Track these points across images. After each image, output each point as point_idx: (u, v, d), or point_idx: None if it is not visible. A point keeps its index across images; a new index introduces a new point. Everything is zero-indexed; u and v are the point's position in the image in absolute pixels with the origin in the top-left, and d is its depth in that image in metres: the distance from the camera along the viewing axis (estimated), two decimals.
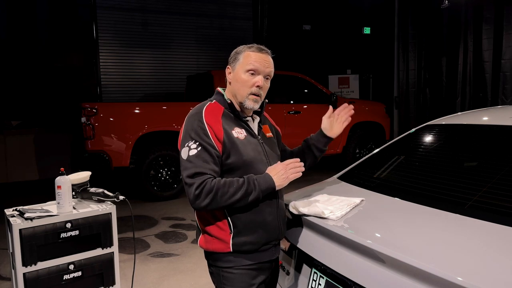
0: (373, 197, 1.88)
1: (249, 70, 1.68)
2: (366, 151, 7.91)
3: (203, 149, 1.59)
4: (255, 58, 1.69)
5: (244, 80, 1.68)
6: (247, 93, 1.68)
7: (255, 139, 1.73)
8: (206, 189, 1.54)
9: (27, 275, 2.01)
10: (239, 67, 1.70)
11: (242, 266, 1.67)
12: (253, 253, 1.68)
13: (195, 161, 1.58)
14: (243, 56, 1.70)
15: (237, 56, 1.72)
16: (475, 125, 2.23)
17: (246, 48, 1.72)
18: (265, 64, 1.70)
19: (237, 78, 1.70)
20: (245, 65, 1.68)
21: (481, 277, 1.14)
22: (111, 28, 9.08)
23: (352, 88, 10.55)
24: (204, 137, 1.60)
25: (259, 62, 1.68)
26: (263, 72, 1.70)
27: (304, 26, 10.84)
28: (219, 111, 1.70)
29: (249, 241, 1.65)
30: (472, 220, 1.46)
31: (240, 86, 1.69)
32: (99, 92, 9.01)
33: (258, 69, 1.68)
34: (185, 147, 1.62)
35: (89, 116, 5.76)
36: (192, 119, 1.67)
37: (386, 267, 1.31)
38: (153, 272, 3.80)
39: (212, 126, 1.62)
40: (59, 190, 2.12)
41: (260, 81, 1.68)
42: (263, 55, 1.70)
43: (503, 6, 7.55)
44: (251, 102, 1.69)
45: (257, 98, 1.70)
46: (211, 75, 6.84)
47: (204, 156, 1.58)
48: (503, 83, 7.66)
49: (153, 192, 6.16)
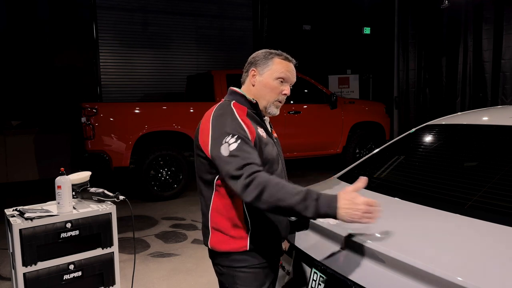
0: (373, 197, 1.87)
1: (279, 77, 1.71)
2: (366, 151, 7.91)
3: (243, 141, 1.54)
4: (287, 67, 1.73)
5: (274, 87, 1.72)
6: (274, 99, 1.73)
7: (272, 139, 1.77)
8: (257, 181, 1.44)
9: (27, 275, 2.01)
10: (268, 73, 1.72)
11: (257, 265, 1.67)
12: (267, 251, 1.70)
13: (239, 153, 1.50)
14: (274, 62, 1.72)
15: (267, 61, 1.73)
16: (475, 125, 2.23)
17: (276, 55, 1.74)
18: (293, 74, 1.76)
19: (266, 83, 1.72)
20: (276, 72, 1.71)
21: (481, 277, 1.14)
22: (111, 28, 9.07)
23: (352, 88, 10.55)
24: (241, 131, 1.58)
25: (290, 72, 1.74)
26: (291, 82, 1.75)
27: (304, 26, 10.84)
28: (244, 111, 1.70)
29: (266, 239, 1.68)
30: (472, 220, 1.46)
31: (268, 91, 1.72)
32: (99, 92, 9.00)
33: (288, 78, 1.73)
34: (224, 143, 1.54)
35: (89, 116, 5.76)
36: (224, 118, 1.62)
37: (386, 267, 1.31)
38: (153, 272, 3.80)
39: (245, 122, 1.63)
40: (59, 190, 2.12)
41: (288, 90, 1.74)
42: (291, 65, 1.75)
43: (503, 6, 7.55)
44: (274, 108, 1.75)
45: (280, 104, 1.77)
46: (211, 75, 6.84)
47: (247, 148, 1.53)
48: (503, 83, 7.65)
49: (153, 192, 6.16)
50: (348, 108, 7.79)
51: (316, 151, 7.60)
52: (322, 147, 7.63)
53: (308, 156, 7.60)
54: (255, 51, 1.82)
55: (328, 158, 8.10)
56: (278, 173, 1.73)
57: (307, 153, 7.47)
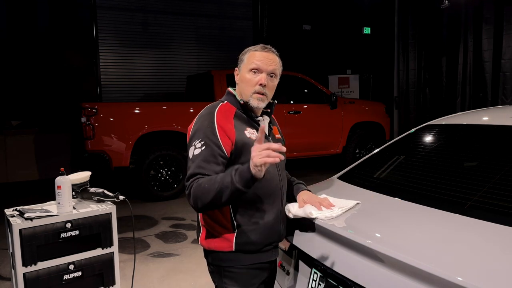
0: (373, 197, 1.88)
1: (252, 69, 1.68)
2: (366, 151, 7.91)
3: (207, 148, 1.58)
4: (258, 56, 1.69)
5: (248, 79, 1.69)
6: (251, 92, 1.68)
7: (267, 140, 1.71)
8: (193, 189, 1.53)
9: (27, 275, 2.01)
10: (243, 68, 1.72)
11: (243, 266, 1.67)
12: (254, 253, 1.68)
13: (196, 160, 1.58)
14: (247, 56, 1.72)
15: (242, 57, 1.74)
16: (475, 125, 2.23)
17: (251, 48, 1.74)
18: (268, 62, 1.69)
19: (242, 78, 1.72)
20: (248, 64, 1.70)
21: (481, 277, 1.14)
22: (111, 28, 9.07)
23: (352, 88, 10.55)
24: (211, 136, 1.59)
25: (261, 60, 1.68)
26: (266, 70, 1.68)
27: (304, 26, 10.84)
28: (231, 112, 1.70)
29: (251, 241, 1.66)
30: (472, 220, 1.46)
31: (245, 85, 1.70)
32: (99, 92, 9.01)
33: (261, 67, 1.68)
34: (192, 146, 1.62)
35: (89, 116, 5.75)
36: (203, 119, 1.67)
37: (386, 267, 1.31)
38: (153, 272, 3.80)
39: (223, 126, 1.62)
40: (59, 190, 2.12)
41: (262, 79, 1.67)
42: (266, 53, 1.70)
43: (503, 6, 7.55)
44: (255, 101, 1.69)
45: (261, 96, 1.69)
46: (211, 75, 6.84)
47: (206, 155, 1.57)
48: (503, 83, 7.66)
49: (153, 192, 6.16)
50: (348, 108, 7.79)
51: (316, 151, 7.60)
52: (322, 147, 7.63)
53: (308, 156, 7.60)
54: None
55: (328, 158, 8.10)
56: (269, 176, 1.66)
57: (307, 153, 7.47)
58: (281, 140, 1.86)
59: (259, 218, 1.67)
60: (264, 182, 1.61)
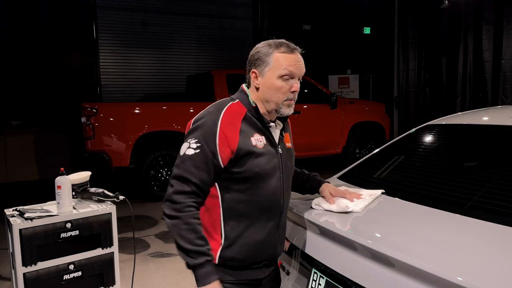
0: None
1: (283, 75, 1.50)
2: (366, 151, 7.91)
3: (201, 153, 1.45)
4: (289, 61, 1.51)
5: (279, 87, 1.51)
6: (283, 100, 1.52)
7: (274, 149, 1.57)
8: (177, 206, 1.44)
9: (27, 275, 2.01)
10: (270, 73, 1.51)
11: (227, 281, 1.53)
12: (239, 270, 1.56)
13: (187, 162, 1.46)
14: (274, 59, 1.51)
15: (266, 59, 1.52)
16: (475, 125, 2.23)
17: (275, 49, 1.53)
18: (299, 65, 1.53)
19: (270, 85, 1.52)
20: (278, 70, 1.50)
21: (481, 277, 1.14)
22: (111, 28, 9.07)
23: (352, 88, 10.55)
24: (209, 141, 1.46)
25: (294, 65, 1.51)
26: (298, 75, 1.54)
27: (304, 26, 10.84)
28: (241, 114, 1.52)
29: (236, 258, 1.53)
30: (472, 220, 1.45)
31: (274, 93, 1.52)
32: (99, 92, 9.00)
33: (294, 73, 1.52)
34: (186, 142, 1.50)
35: (89, 116, 5.76)
36: (208, 117, 1.51)
37: (386, 267, 1.31)
38: (153, 272, 3.80)
39: (225, 133, 1.46)
40: (59, 190, 2.12)
41: (296, 86, 1.53)
42: (295, 55, 1.53)
43: (503, 6, 7.55)
44: (287, 109, 1.55)
45: (291, 103, 1.55)
46: (211, 75, 6.83)
47: (198, 161, 1.45)
48: (503, 83, 7.65)
49: (153, 192, 6.15)
50: (348, 108, 7.79)
51: (316, 151, 7.60)
52: (322, 147, 7.63)
53: (308, 156, 7.59)
54: None
55: (328, 158, 8.09)
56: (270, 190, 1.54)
57: (307, 153, 7.47)
58: (291, 150, 1.69)
59: (250, 234, 1.53)
60: (263, 196, 1.52)
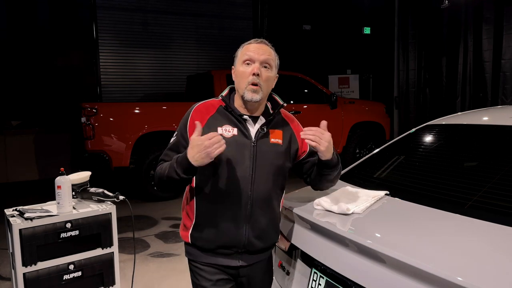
0: None
1: (245, 61, 1.66)
2: (366, 151, 7.91)
3: (176, 138, 1.70)
4: (249, 48, 1.67)
5: (241, 72, 1.66)
6: (246, 84, 1.63)
7: (248, 141, 1.64)
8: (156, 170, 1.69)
9: (27, 275, 2.01)
10: (237, 63, 1.70)
11: (202, 262, 1.68)
12: (208, 253, 1.66)
13: (167, 149, 1.71)
14: (241, 50, 1.71)
15: (237, 53, 1.73)
16: (475, 125, 2.23)
17: (244, 43, 1.73)
18: (259, 51, 1.65)
19: (237, 73, 1.69)
20: (241, 57, 1.68)
21: (481, 277, 1.14)
22: (111, 28, 9.07)
23: (352, 88, 10.55)
24: (182, 128, 1.69)
25: (253, 51, 1.65)
26: (258, 60, 1.64)
27: (304, 26, 10.84)
28: (215, 107, 1.71)
29: (203, 238, 1.66)
30: (472, 220, 1.46)
31: (240, 79, 1.67)
32: (99, 92, 9.00)
33: (253, 57, 1.64)
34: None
35: (89, 116, 5.75)
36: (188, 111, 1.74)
37: (386, 267, 1.31)
38: (153, 272, 3.80)
39: (195, 119, 1.63)
40: (59, 190, 2.12)
41: (255, 68, 1.62)
42: (258, 44, 1.68)
43: (503, 6, 7.55)
44: (249, 94, 1.62)
45: (255, 88, 1.61)
46: (211, 75, 6.84)
47: (173, 145, 1.70)
48: (503, 83, 7.65)
49: (153, 192, 6.15)
50: (348, 108, 7.78)
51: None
52: None
53: None
54: None
55: None
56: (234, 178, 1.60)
57: None
58: (277, 146, 1.70)
59: (216, 217, 1.63)
60: (226, 181, 1.62)
